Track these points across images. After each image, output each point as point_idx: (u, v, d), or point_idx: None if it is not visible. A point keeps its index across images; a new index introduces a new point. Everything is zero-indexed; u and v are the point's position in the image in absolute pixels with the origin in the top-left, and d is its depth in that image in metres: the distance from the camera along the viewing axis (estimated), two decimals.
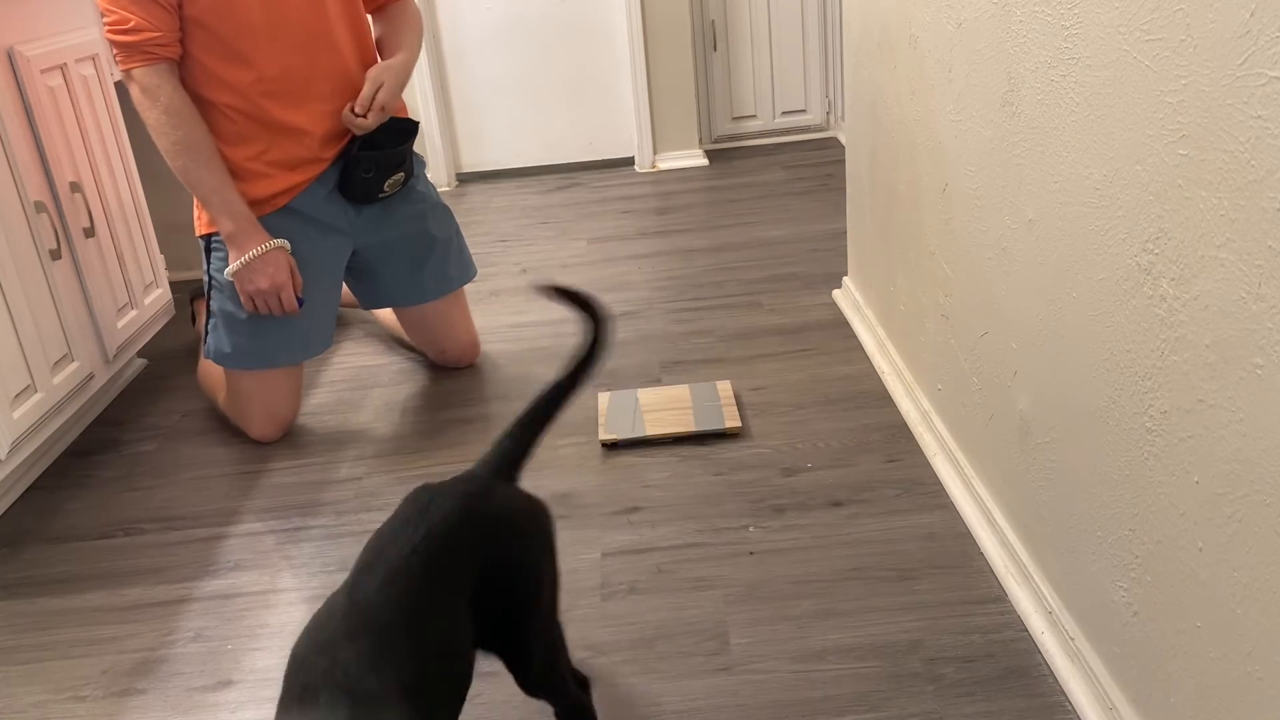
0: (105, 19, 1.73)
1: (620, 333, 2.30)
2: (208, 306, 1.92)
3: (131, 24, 1.71)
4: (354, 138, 1.91)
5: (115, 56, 1.75)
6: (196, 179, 1.79)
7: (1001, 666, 1.26)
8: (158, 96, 1.75)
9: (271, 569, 1.59)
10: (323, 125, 1.88)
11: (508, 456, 1.13)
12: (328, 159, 1.90)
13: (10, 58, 1.83)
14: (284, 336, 1.91)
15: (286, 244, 1.84)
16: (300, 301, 1.86)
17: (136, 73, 1.75)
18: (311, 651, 0.92)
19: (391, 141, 1.92)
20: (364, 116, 1.85)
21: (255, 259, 1.80)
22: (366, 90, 1.85)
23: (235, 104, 1.82)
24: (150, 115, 1.76)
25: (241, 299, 1.83)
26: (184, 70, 1.80)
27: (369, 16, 1.99)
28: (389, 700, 0.89)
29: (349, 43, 1.90)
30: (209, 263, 1.89)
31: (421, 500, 1.04)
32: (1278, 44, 0.75)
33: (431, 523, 1.01)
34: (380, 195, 1.95)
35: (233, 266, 1.81)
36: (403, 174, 1.96)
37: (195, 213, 1.89)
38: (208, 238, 1.88)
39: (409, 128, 1.95)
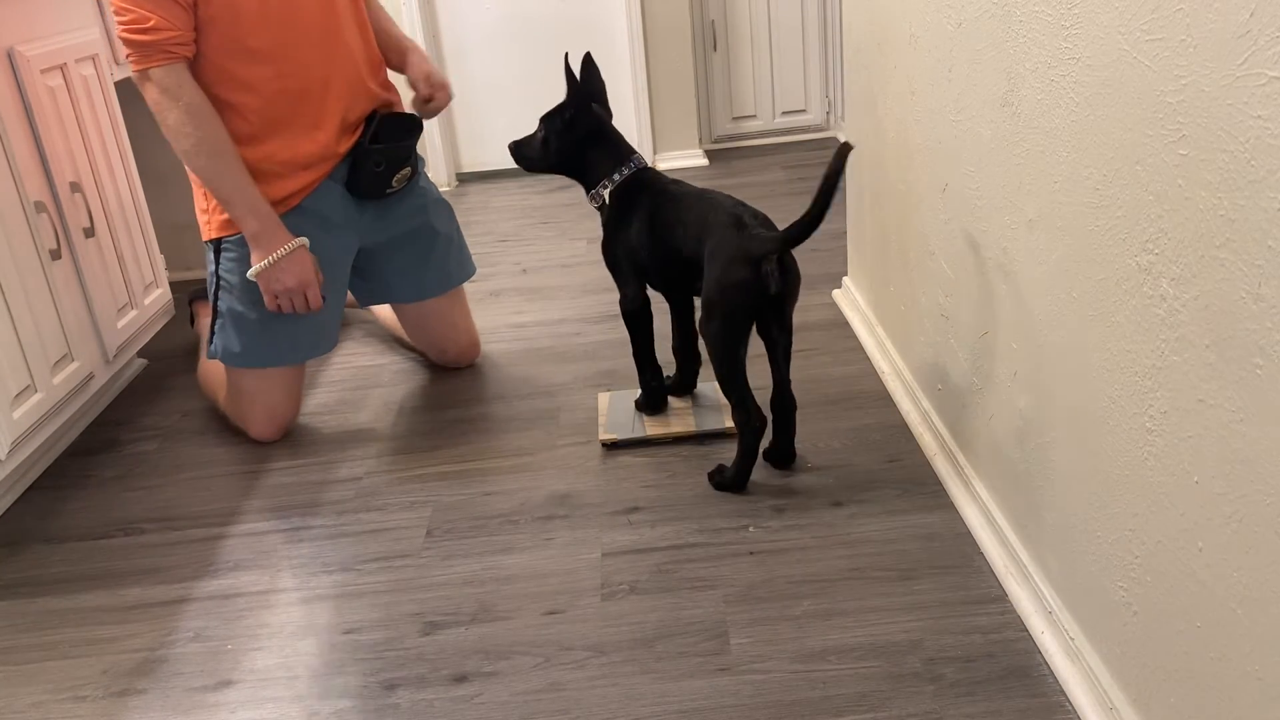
0: (121, 18, 1.69)
1: (620, 333, 2.29)
2: (215, 307, 1.91)
3: (152, 23, 1.68)
4: (362, 134, 1.91)
5: (130, 56, 1.72)
6: (218, 179, 1.76)
7: (1001, 666, 1.26)
8: (179, 96, 1.72)
9: (271, 569, 1.59)
10: (336, 122, 1.88)
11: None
12: (339, 155, 1.90)
13: (10, 58, 1.83)
14: (293, 335, 1.91)
15: (307, 241, 1.84)
16: (322, 299, 1.87)
17: (155, 73, 1.71)
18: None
19: (398, 136, 1.92)
20: (432, 98, 1.96)
21: (282, 258, 1.79)
22: (420, 71, 1.97)
23: (251, 103, 1.80)
24: (170, 116, 1.73)
25: (266, 299, 1.82)
26: (197, 71, 1.78)
27: None
28: None
29: (357, 40, 1.91)
30: (218, 264, 1.88)
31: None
32: (1278, 44, 0.75)
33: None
34: (388, 191, 1.95)
35: (257, 267, 1.79)
36: (409, 169, 1.97)
37: (202, 216, 1.88)
38: (217, 241, 1.87)
39: (413, 123, 1.96)
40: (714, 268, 1.56)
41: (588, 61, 1.77)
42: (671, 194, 1.70)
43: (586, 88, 1.74)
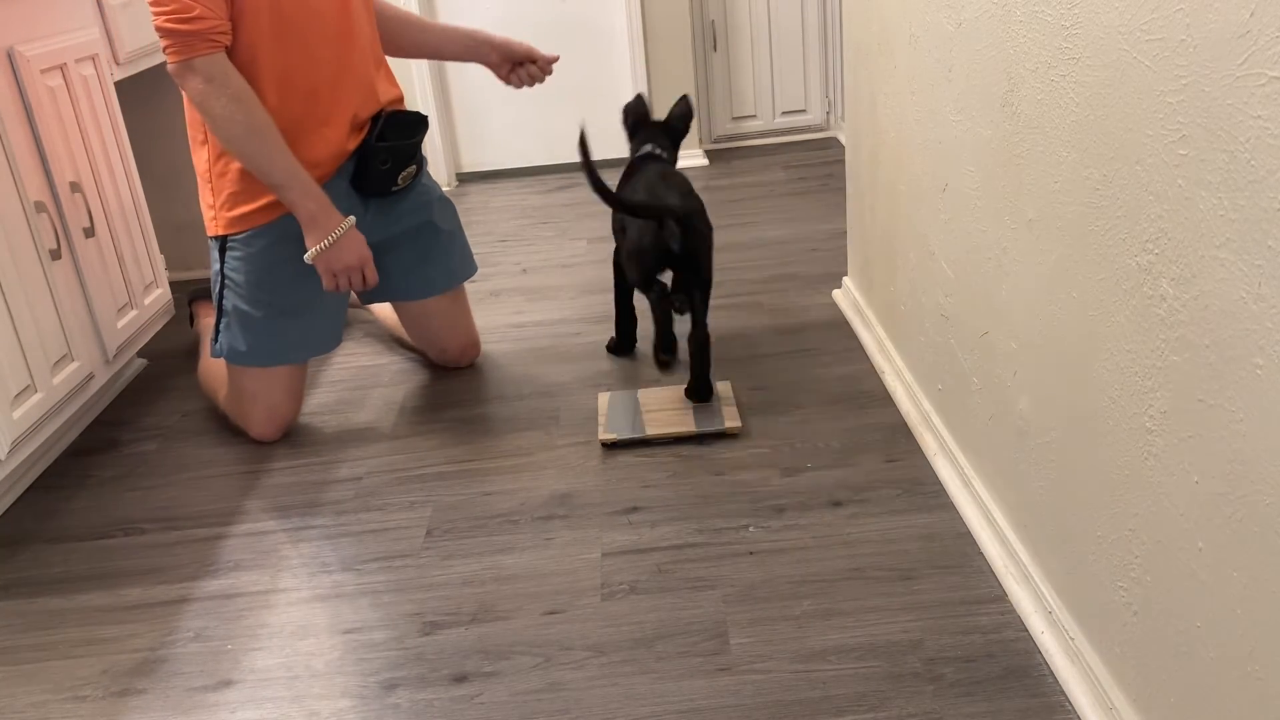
0: (162, 8, 1.67)
1: None
2: (220, 305, 1.90)
3: (196, 12, 1.67)
4: (368, 132, 1.91)
5: (170, 48, 1.69)
6: (270, 163, 1.75)
7: (1001, 666, 1.26)
8: (226, 83, 1.71)
9: (271, 569, 1.59)
10: (346, 120, 1.87)
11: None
12: (347, 153, 1.90)
13: (10, 58, 1.83)
14: (299, 333, 1.91)
15: (355, 220, 1.85)
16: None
17: (199, 62, 1.69)
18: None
19: (404, 134, 1.92)
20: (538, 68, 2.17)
21: (341, 237, 1.80)
22: (525, 50, 2.15)
23: (268, 101, 1.79)
24: (217, 104, 1.71)
25: (325, 279, 1.83)
26: None
27: None
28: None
29: (367, 39, 1.91)
30: (223, 262, 1.88)
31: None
32: (1278, 44, 0.75)
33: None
34: (394, 189, 1.95)
35: (315, 249, 1.79)
36: (414, 166, 1.97)
37: (209, 212, 1.87)
38: (223, 238, 1.87)
39: (419, 120, 1.96)
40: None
41: (682, 99, 2.19)
42: (641, 170, 2.04)
43: (677, 108, 2.17)
